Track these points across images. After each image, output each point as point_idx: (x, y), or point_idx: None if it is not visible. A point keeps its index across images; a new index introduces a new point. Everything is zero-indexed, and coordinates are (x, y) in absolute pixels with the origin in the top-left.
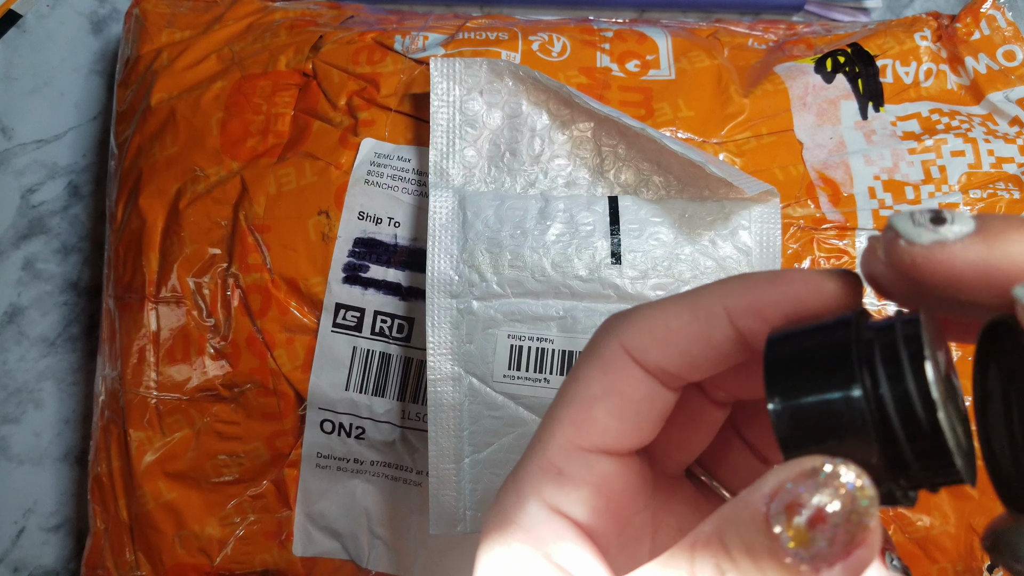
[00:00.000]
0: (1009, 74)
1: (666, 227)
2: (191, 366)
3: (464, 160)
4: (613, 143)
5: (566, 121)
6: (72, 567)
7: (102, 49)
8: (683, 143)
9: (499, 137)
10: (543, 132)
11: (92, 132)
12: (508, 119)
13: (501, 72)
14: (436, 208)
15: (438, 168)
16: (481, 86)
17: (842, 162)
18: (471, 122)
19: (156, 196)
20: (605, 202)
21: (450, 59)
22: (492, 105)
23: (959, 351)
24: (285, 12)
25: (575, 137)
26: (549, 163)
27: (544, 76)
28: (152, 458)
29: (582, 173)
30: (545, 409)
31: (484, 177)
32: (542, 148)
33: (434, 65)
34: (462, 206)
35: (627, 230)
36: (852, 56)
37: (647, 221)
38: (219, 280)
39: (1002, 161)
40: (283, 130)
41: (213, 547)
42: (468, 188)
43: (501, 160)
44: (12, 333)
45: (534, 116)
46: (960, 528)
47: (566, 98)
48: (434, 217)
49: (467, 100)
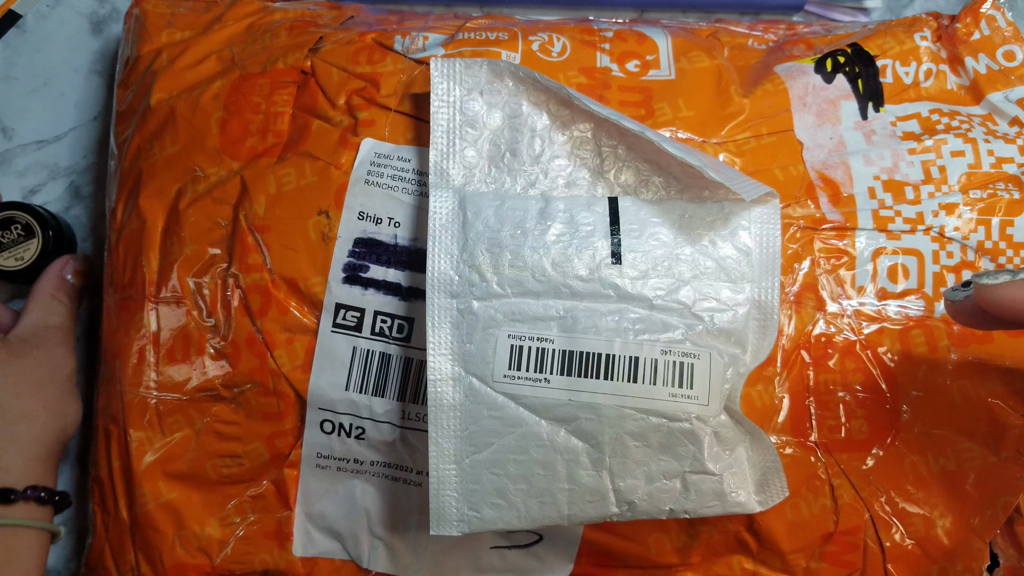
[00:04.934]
0: (1009, 74)
1: (666, 227)
2: (191, 366)
3: (464, 160)
4: (613, 144)
5: (566, 121)
6: (73, 567)
7: (102, 49)
8: (683, 145)
9: (499, 137)
10: (543, 132)
11: (93, 132)
12: (508, 119)
13: (501, 72)
14: (436, 208)
15: (438, 168)
16: (481, 86)
17: (842, 162)
18: (471, 122)
19: (156, 196)
20: (605, 202)
21: (450, 59)
22: (492, 105)
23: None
24: (285, 12)
25: (575, 138)
26: (549, 163)
27: (544, 77)
28: (152, 458)
29: (582, 174)
30: (545, 409)
31: (484, 177)
32: (542, 148)
33: (434, 65)
34: (462, 206)
35: (627, 230)
36: (852, 56)
37: (647, 221)
38: (219, 280)
39: (1002, 161)
40: (282, 129)
41: (213, 547)
42: (468, 188)
43: (501, 160)
44: None
45: (534, 116)
46: (960, 528)
47: (566, 99)
48: (434, 217)
49: (467, 100)
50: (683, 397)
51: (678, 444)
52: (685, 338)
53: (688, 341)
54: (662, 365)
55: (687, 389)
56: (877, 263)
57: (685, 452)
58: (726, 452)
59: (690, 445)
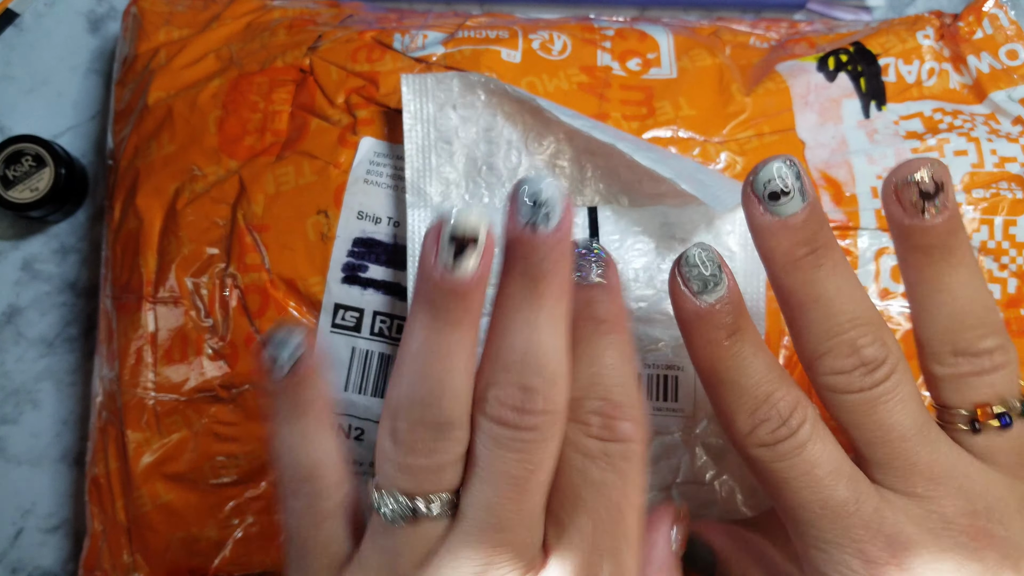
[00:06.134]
0: (1012, 73)
1: (647, 236)
2: (189, 367)
3: (441, 177)
4: (591, 151)
5: (543, 132)
6: (70, 568)
7: (100, 48)
8: (656, 154)
9: (475, 151)
10: (520, 144)
11: (90, 132)
12: (484, 132)
13: (474, 86)
14: (414, 227)
15: (415, 187)
16: (454, 100)
17: (844, 161)
18: (446, 138)
19: (154, 196)
20: (584, 212)
21: (421, 75)
22: (467, 120)
23: None
24: (284, 11)
25: (553, 148)
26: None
27: (515, 88)
28: (150, 459)
29: (561, 183)
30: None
31: (462, 193)
32: (519, 160)
33: (405, 82)
34: None
35: (608, 241)
36: (854, 55)
37: (628, 231)
38: (217, 280)
39: (1005, 160)
40: (281, 128)
41: (211, 549)
42: (446, 205)
43: (479, 174)
44: (10, 334)
45: (509, 128)
46: None
47: (539, 109)
48: (413, 237)
49: (440, 116)
50: (668, 410)
51: (666, 457)
52: (668, 349)
53: (671, 352)
54: (645, 380)
55: (671, 402)
56: (880, 263)
57: (673, 464)
58: (714, 461)
59: (678, 457)
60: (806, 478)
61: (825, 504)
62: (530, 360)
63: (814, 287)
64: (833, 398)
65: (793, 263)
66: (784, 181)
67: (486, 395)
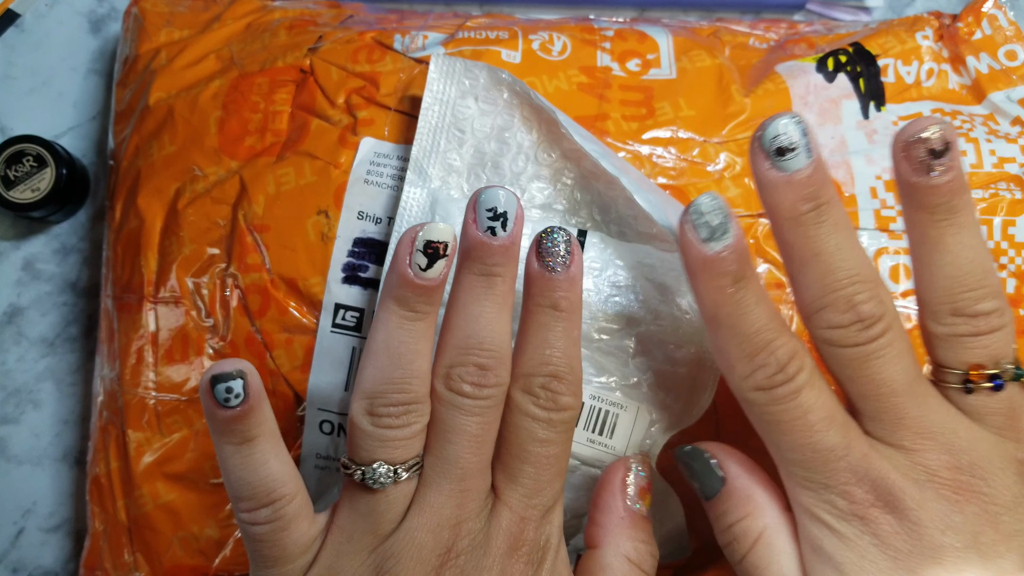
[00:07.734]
0: (1011, 74)
1: (626, 271)
2: (190, 366)
3: (445, 162)
4: (596, 174)
5: (554, 145)
6: (71, 568)
7: (101, 48)
8: (657, 196)
9: (485, 146)
10: (530, 151)
11: (91, 132)
12: (498, 131)
13: (500, 83)
14: (407, 202)
15: (417, 165)
16: (478, 91)
17: (843, 162)
18: (460, 126)
19: (154, 196)
20: (574, 233)
21: (452, 58)
22: (485, 113)
23: None
24: (284, 11)
25: (560, 162)
26: (529, 183)
27: (538, 96)
28: (151, 459)
29: (560, 200)
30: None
31: (461, 184)
32: (525, 166)
33: (434, 61)
34: (433, 207)
35: (588, 268)
36: (854, 55)
37: (610, 262)
38: (218, 280)
39: (1004, 161)
40: (281, 128)
41: (211, 548)
42: (442, 193)
43: (483, 170)
44: (11, 333)
45: (523, 133)
46: None
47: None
48: (403, 212)
49: (460, 103)
50: (600, 445)
51: (586, 489)
52: (617, 387)
53: (619, 391)
54: (587, 410)
55: (606, 438)
56: (879, 263)
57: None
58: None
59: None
60: (799, 422)
61: (816, 448)
62: (485, 344)
63: (815, 243)
64: (829, 351)
65: (795, 219)
66: (791, 137)
67: (449, 372)
